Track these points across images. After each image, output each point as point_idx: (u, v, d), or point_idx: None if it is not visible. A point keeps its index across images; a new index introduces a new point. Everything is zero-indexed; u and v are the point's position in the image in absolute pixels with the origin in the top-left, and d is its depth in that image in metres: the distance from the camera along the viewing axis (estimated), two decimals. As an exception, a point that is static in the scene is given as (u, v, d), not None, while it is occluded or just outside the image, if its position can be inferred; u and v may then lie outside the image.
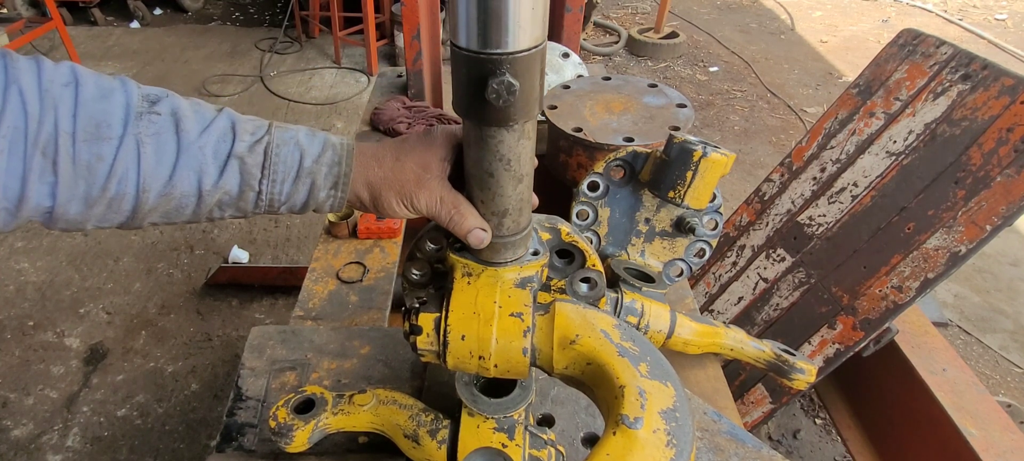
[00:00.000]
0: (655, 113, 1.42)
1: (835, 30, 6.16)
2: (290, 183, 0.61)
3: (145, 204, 0.56)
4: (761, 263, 1.90)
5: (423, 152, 0.64)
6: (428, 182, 0.63)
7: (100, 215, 0.56)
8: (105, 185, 0.54)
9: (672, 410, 0.50)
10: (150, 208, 0.57)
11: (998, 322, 2.81)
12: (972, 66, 1.55)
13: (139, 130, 0.54)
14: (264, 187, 0.60)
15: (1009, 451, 1.35)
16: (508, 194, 0.61)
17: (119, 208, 0.56)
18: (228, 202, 0.60)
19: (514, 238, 0.65)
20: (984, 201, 1.42)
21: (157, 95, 0.57)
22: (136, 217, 0.58)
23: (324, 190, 0.62)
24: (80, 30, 5.61)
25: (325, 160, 0.62)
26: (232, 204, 0.60)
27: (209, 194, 0.58)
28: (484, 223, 0.63)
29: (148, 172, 0.55)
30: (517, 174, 0.61)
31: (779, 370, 1.01)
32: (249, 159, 0.59)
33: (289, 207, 0.63)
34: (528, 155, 0.61)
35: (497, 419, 0.69)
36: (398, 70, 2.07)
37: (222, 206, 0.60)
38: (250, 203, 0.61)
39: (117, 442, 2.21)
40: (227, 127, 0.59)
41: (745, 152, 4.08)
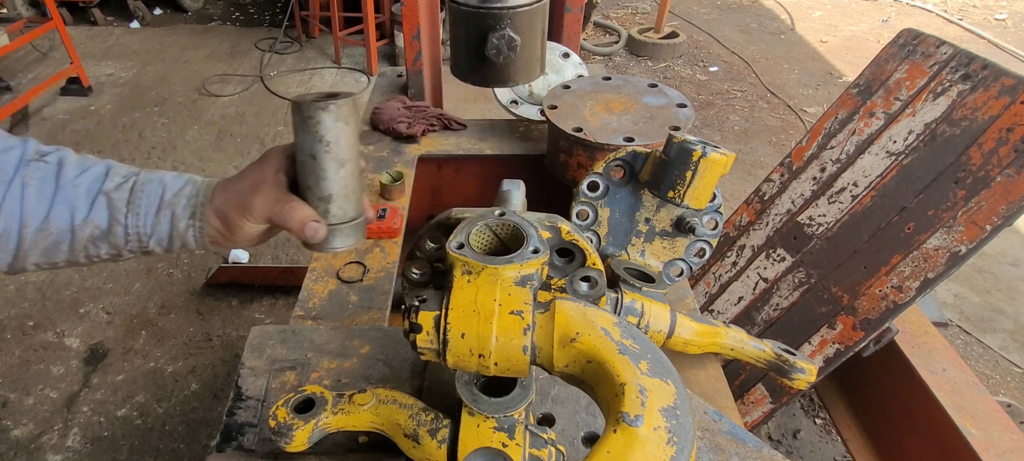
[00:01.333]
0: (655, 113, 1.42)
1: (835, 30, 6.16)
2: (153, 215, 0.67)
3: (25, 240, 0.63)
4: (761, 263, 1.90)
5: (258, 168, 0.70)
6: (261, 189, 0.68)
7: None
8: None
9: (673, 408, 0.50)
10: (30, 244, 0.63)
11: (998, 322, 2.81)
12: (972, 66, 1.55)
13: (26, 173, 0.63)
14: (129, 221, 0.66)
15: (1009, 451, 1.35)
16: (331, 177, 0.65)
17: (5, 247, 0.62)
18: (99, 236, 0.65)
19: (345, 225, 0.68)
20: (984, 201, 1.42)
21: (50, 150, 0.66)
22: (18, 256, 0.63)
23: (183, 220, 0.68)
24: (80, 30, 5.61)
25: (184, 193, 0.68)
26: (104, 239, 0.66)
27: (80, 229, 0.64)
28: (315, 215, 0.68)
29: (28, 209, 0.62)
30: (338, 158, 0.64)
31: (779, 370, 1.01)
32: (116, 195, 0.66)
33: (157, 241, 0.68)
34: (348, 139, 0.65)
35: (497, 418, 0.69)
36: (398, 70, 2.07)
37: (95, 241, 0.66)
38: (120, 238, 0.66)
39: (117, 442, 2.21)
40: (102, 171, 0.67)
41: (745, 152, 4.08)
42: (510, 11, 0.49)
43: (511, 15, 0.49)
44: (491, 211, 0.71)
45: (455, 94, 4.40)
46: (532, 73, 0.54)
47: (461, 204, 0.76)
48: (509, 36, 0.50)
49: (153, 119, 4.27)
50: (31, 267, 0.65)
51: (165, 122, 4.24)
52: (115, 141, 4.00)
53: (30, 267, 0.65)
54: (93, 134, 4.06)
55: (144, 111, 4.37)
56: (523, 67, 0.53)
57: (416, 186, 1.61)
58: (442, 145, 1.69)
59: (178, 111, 4.38)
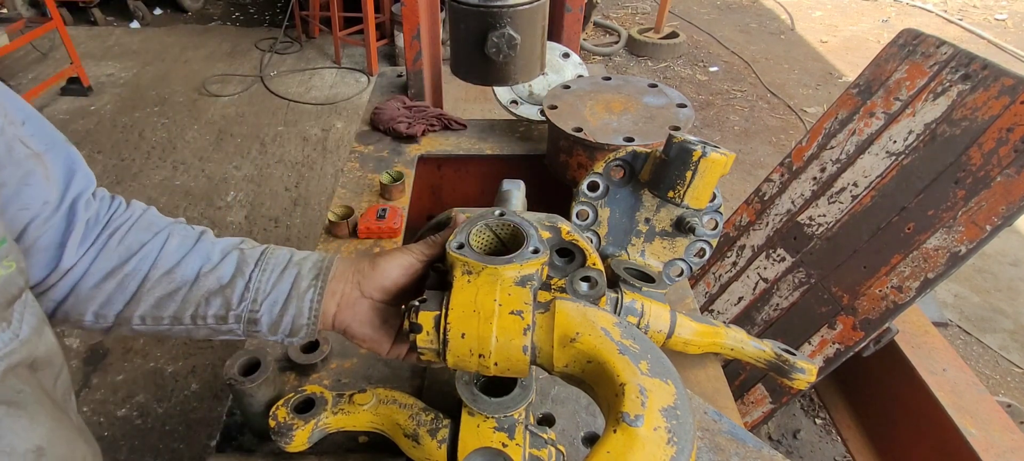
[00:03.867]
0: (655, 113, 1.42)
1: (835, 30, 6.16)
2: (278, 272, 0.67)
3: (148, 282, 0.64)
4: (761, 263, 1.89)
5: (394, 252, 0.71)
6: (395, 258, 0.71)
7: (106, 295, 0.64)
8: (128, 259, 0.64)
9: (673, 408, 0.50)
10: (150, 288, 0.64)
11: (998, 322, 2.81)
12: (972, 66, 1.55)
13: (174, 229, 0.68)
14: (254, 275, 0.66)
15: (1009, 451, 1.35)
16: None
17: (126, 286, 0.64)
18: (216, 290, 0.65)
19: None
20: (984, 201, 1.42)
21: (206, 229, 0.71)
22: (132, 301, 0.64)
23: (306, 279, 0.67)
24: (80, 30, 5.61)
25: (312, 258, 0.70)
26: (219, 293, 0.65)
27: (203, 277, 0.65)
28: None
29: (165, 253, 0.65)
30: None
31: (779, 370, 1.01)
32: (248, 252, 0.68)
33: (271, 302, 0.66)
34: None
35: (497, 418, 0.69)
36: (398, 70, 2.07)
37: (210, 297, 0.65)
38: (236, 294, 0.65)
39: (117, 442, 2.21)
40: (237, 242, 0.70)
41: (745, 152, 4.08)
42: (510, 9, 0.49)
43: (511, 13, 0.49)
44: (491, 211, 0.71)
45: (455, 94, 4.40)
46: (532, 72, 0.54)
47: (461, 204, 0.75)
48: (509, 35, 0.50)
49: (153, 119, 4.27)
50: (136, 322, 0.65)
51: (165, 122, 4.24)
52: (115, 141, 4.00)
53: (135, 321, 0.65)
54: (93, 134, 4.06)
55: (144, 111, 4.37)
56: (523, 66, 0.53)
57: (416, 186, 1.61)
58: (442, 145, 1.69)
59: (178, 111, 4.39)
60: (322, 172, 3.75)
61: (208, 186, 3.56)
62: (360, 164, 1.59)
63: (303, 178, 3.69)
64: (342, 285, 0.69)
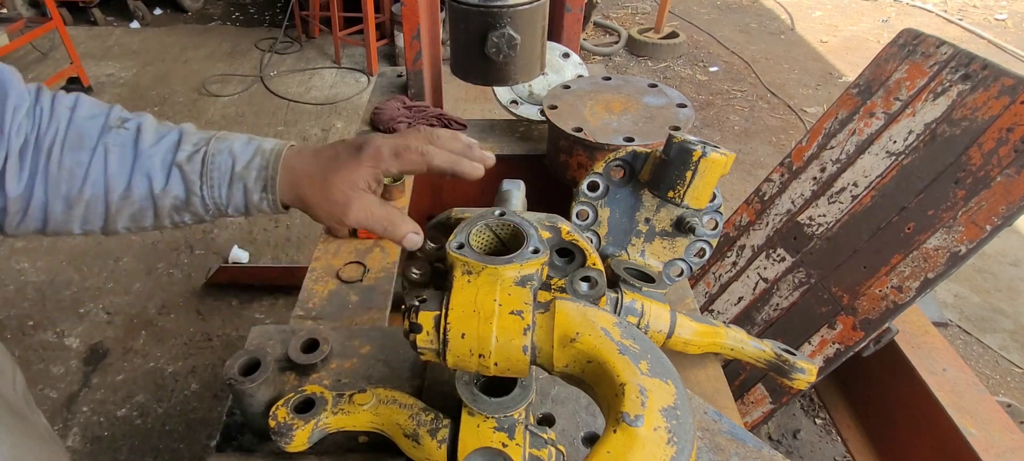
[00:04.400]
0: (655, 113, 1.42)
1: (835, 30, 6.16)
2: (226, 187, 0.68)
3: (111, 206, 0.65)
4: (761, 263, 1.90)
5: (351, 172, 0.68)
6: (356, 199, 0.68)
7: (81, 216, 0.66)
8: (82, 188, 0.64)
9: (673, 408, 0.50)
10: (116, 210, 0.66)
11: (998, 322, 2.81)
12: (972, 66, 1.55)
13: (108, 140, 0.65)
14: (205, 192, 0.67)
15: (1009, 451, 1.35)
16: None
17: (95, 210, 0.65)
18: (181, 206, 0.68)
19: None
20: (984, 201, 1.42)
21: (130, 116, 0.68)
22: (108, 220, 0.67)
23: (256, 193, 0.68)
24: (80, 30, 5.61)
25: (254, 165, 0.68)
26: (185, 208, 0.68)
27: (160, 198, 0.67)
28: (416, 226, 0.69)
29: (112, 175, 0.65)
30: None
31: (779, 370, 1.01)
32: (188, 167, 0.67)
33: (234, 208, 0.69)
34: None
35: (497, 418, 0.69)
36: (398, 70, 2.07)
37: (177, 210, 0.68)
38: (199, 207, 0.68)
39: (117, 442, 2.21)
40: (176, 139, 0.68)
41: (745, 152, 4.08)
42: (510, 9, 0.49)
43: (511, 13, 0.49)
44: (491, 211, 0.71)
45: (455, 94, 4.40)
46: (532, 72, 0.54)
47: (461, 204, 0.76)
48: (509, 34, 0.50)
49: (153, 119, 4.27)
50: (123, 230, 0.68)
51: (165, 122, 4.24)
52: (115, 141, 3.99)
53: (122, 230, 0.68)
54: (93, 134, 4.06)
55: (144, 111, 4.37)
56: (523, 66, 0.53)
57: (416, 186, 1.61)
58: (442, 145, 1.69)
59: (178, 111, 4.38)
60: (322, 172, 3.74)
61: (208, 186, 3.56)
62: (360, 164, 1.58)
63: (303, 178, 3.68)
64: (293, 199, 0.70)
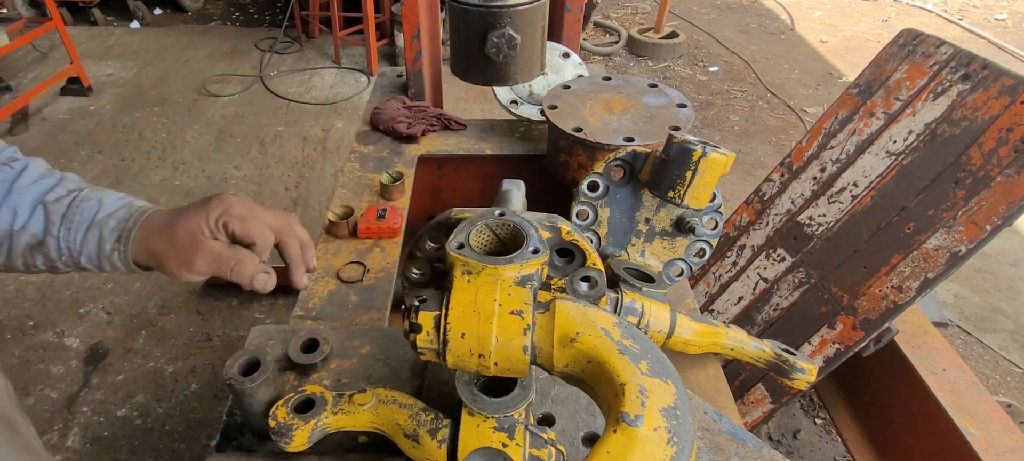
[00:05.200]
0: (655, 113, 1.42)
1: (835, 30, 6.16)
2: (83, 232, 0.67)
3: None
4: (761, 263, 1.89)
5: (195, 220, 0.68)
6: (201, 246, 0.68)
7: None
8: None
9: (673, 408, 0.50)
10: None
11: (998, 322, 2.81)
12: (972, 66, 1.55)
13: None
14: (61, 234, 0.66)
15: (1009, 451, 1.35)
16: None
17: None
18: (35, 245, 0.66)
19: None
20: (984, 201, 1.42)
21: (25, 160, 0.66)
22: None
23: (109, 243, 0.67)
24: (80, 30, 5.60)
25: (117, 216, 0.68)
26: (39, 249, 0.66)
27: (17, 235, 0.65)
28: (265, 267, 0.69)
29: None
30: None
31: (779, 370, 1.01)
32: (53, 207, 0.66)
33: (87, 258, 0.68)
34: None
35: (497, 418, 0.69)
36: (398, 70, 2.07)
37: (32, 250, 0.66)
38: (52, 250, 0.66)
39: (117, 442, 2.21)
40: (54, 182, 0.67)
41: (745, 152, 4.08)
42: (510, 9, 0.49)
43: (511, 13, 0.49)
44: (491, 211, 0.71)
45: (455, 94, 4.40)
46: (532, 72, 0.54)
47: (461, 204, 0.76)
48: (509, 34, 0.50)
49: (153, 119, 4.27)
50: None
51: (165, 122, 4.24)
52: (115, 141, 4.00)
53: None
54: (93, 134, 4.06)
55: (144, 111, 4.37)
56: (523, 66, 0.53)
57: (416, 186, 1.61)
58: (442, 145, 1.69)
59: (178, 111, 4.38)
60: (322, 172, 3.75)
61: (208, 186, 3.56)
62: (360, 164, 1.59)
63: (303, 178, 3.69)
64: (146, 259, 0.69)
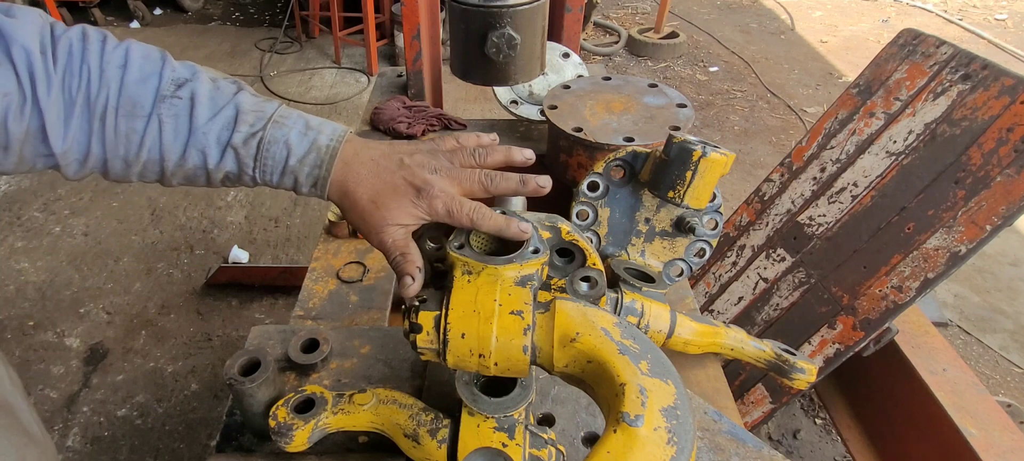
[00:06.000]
0: (655, 113, 1.42)
1: (835, 30, 6.16)
2: (277, 176, 0.70)
3: (167, 170, 0.68)
4: (761, 263, 1.90)
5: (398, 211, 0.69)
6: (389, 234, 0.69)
7: (139, 173, 0.69)
8: (138, 152, 0.66)
9: (673, 408, 0.50)
10: (172, 173, 0.69)
11: (998, 322, 2.81)
12: (972, 66, 1.55)
13: (162, 111, 0.66)
14: (257, 175, 0.69)
15: (1009, 451, 1.35)
16: None
17: (151, 170, 0.68)
18: (233, 178, 0.71)
19: None
20: (984, 201, 1.42)
21: (184, 78, 0.67)
22: (164, 179, 0.70)
23: (305, 187, 0.70)
24: (80, 30, 5.60)
25: (308, 161, 0.69)
26: (237, 180, 0.71)
27: (214, 171, 0.69)
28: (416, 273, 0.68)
29: (167, 146, 0.66)
30: None
31: (779, 370, 1.01)
32: (243, 151, 0.68)
33: (284, 189, 0.71)
34: None
35: (497, 418, 0.69)
36: (398, 70, 2.07)
37: (229, 179, 0.71)
38: (250, 183, 0.71)
39: (117, 442, 2.21)
40: (231, 116, 0.68)
41: (745, 152, 4.08)
42: (510, 9, 0.49)
43: (511, 13, 0.49)
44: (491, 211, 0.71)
45: (455, 94, 4.40)
46: (532, 72, 0.54)
47: (461, 204, 0.76)
48: (509, 34, 0.50)
49: (153, 119, 4.27)
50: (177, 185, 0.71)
51: (165, 122, 4.24)
52: (115, 141, 3.99)
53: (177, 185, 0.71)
54: (93, 134, 4.06)
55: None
56: (523, 66, 0.53)
57: (416, 186, 1.60)
58: (442, 145, 1.69)
59: (178, 111, 4.38)
60: (322, 172, 3.75)
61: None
62: (360, 164, 1.58)
63: (303, 178, 3.69)
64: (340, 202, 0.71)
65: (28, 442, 0.60)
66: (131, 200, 3.42)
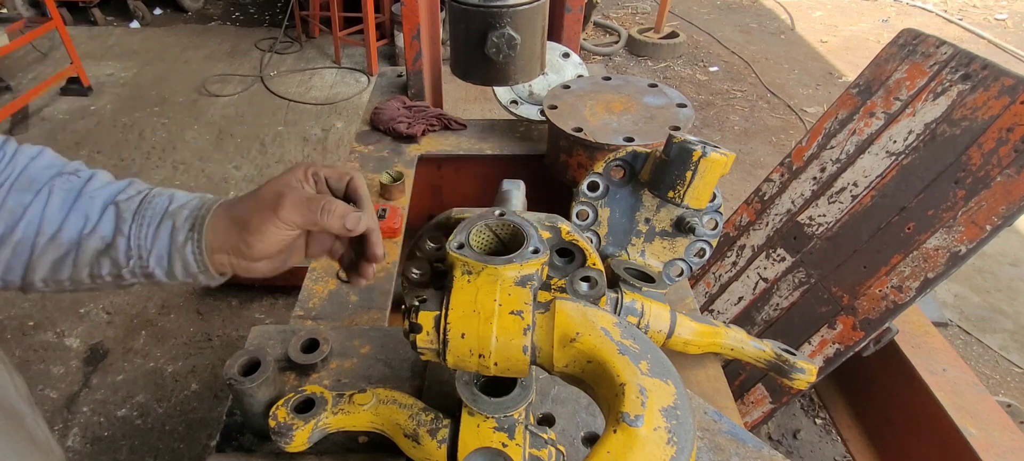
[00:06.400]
0: (655, 113, 1.41)
1: (835, 30, 6.16)
2: (155, 227, 0.63)
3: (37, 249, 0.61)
4: (761, 263, 1.89)
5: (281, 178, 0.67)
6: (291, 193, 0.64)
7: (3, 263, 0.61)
8: (15, 226, 0.60)
9: (673, 408, 0.50)
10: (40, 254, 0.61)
11: (998, 322, 2.81)
12: (972, 66, 1.55)
13: (55, 184, 0.62)
14: (132, 232, 0.62)
15: (1009, 451, 1.35)
16: None
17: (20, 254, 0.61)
18: (103, 249, 0.62)
19: None
20: (984, 201, 1.42)
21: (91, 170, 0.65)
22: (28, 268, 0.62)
23: (182, 232, 0.63)
24: (80, 30, 5.61)
25: (189, 205, 0.65)
26: (106, 253, 0.62)
27: (86, 239, 0.62)
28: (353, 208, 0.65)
29: (48, 216, 0.61)
30: None
31: (779, 370, 1.01)
32: (124, 205, 0.63)
33: (156, 258, 0.63)
34: None
35: (497, 418, 0.69)
36: (398, 70, 2.07)
37: (99, 257, 0.62)
38: (121, 252, 0.62)
39: (117, 442, 2.21)
40: (123, 186, 0.65)
41: (745, 152, 4.08)
42: (510, 9, 0.49)
43: (511, 13, 0.49)
44: (491, 211, 0.71)
45: (455, 94, 4.40)
46: (532, 72, 0.54)
47: (461, 204, 0.76)
48: (509, 34, 0.50)
49: (153, 119, 4.27)
50: (39, 284, 0.63)
51: (165, 122, 4.24)
52: (115, 141, 4.00)
53: (38, 284, 0.63)
54: (93, 134, 4.06)
55: (144, 111, 4.37)
56: (523, 66, 0.53)
57: (416, 186, 1.61)
58: (442, 145, 1.69)
59: (178, 111, 4.38)
60: (322, 172, 3.75)
61: (208, 186, 3.56)
62: (360, 164, 1.59)
63: (303, 178, 3.69)
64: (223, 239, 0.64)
65: (33, 449, 0.60)
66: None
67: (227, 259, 0.65)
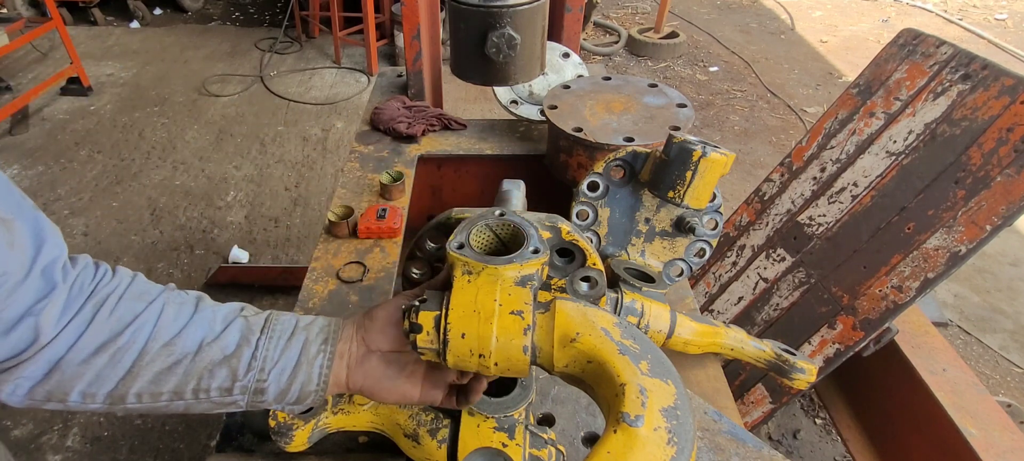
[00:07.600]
0: (655, 113, 1.41)
1: (835, 30, 6.16)
2: (285, 340, 0.64)
3: (146, 355, 0.60)
4: (761, 263, 1.89)
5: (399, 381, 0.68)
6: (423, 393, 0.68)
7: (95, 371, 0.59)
8: (120, 332, 0.60)
9: (673, 408, 0.50)
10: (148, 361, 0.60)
11: (998, 322, 2.81)
12: (972, 66, 1.55)
13: (168, 298, 0.64)
14: (260, 343, 0.63)
15: (1009, 451, 1.35)
16: None
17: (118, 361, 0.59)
18: (220, 361, 0.62)
19: None
20: (984, 201, 1.42)
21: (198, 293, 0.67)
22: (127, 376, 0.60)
23: (315, 344, 0.65)
24: (80, 30, 5.61)
25: (317, 323, 0.67)
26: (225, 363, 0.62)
27: (206, 348, 0.62)
28: None
29: (163, 324, 0.62)
30: None
31: (779, 370, 1.01)
32: (252, 319, 0.65)
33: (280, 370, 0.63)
34: None
35: (497, 418, 0.69)
36: (398, 70, 2.07)
37: (214, 368, 0.62)
38: (243, 362, 0.62)
39: (117, 442, 2.21)
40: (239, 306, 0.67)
41: (745, 152, 4.08)
42: (510, 9, 0.49)
43: (511, 13, 0.49)
44: (491, 211, 0.71)
45: (455, 94, 4.40)
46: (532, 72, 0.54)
47: (461, 204, 0.76)
48: (509, 34, 0.50)
49: (153, 119, 4.27)
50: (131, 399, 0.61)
51: (165, 122, 4.24)
52: (115, 141, 4.00)
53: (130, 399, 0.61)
54: (93, 134, 4.06)
55: (144, 111, 4.37)
56: (523, 66, 0.53)
57: (416, 186, 1.61)
58: (442, 145, 1.69)
59: (178, 111, 4.38)
60: (322, 172, 3.75)
61: (208, 186, 3.56)
62: (360, 164, 1.59)
63: (303, 178, 3.69)
64: (348, 345, 0.66)
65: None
66: (131, 200, 3.42)
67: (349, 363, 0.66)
